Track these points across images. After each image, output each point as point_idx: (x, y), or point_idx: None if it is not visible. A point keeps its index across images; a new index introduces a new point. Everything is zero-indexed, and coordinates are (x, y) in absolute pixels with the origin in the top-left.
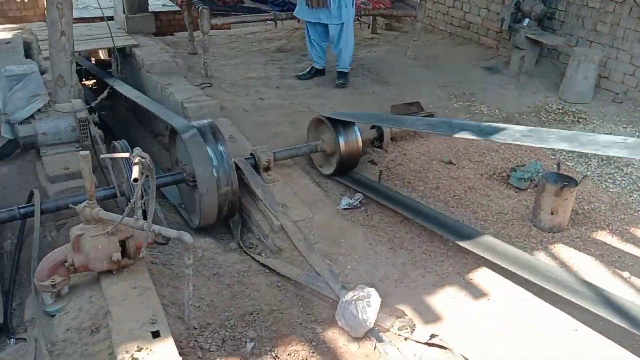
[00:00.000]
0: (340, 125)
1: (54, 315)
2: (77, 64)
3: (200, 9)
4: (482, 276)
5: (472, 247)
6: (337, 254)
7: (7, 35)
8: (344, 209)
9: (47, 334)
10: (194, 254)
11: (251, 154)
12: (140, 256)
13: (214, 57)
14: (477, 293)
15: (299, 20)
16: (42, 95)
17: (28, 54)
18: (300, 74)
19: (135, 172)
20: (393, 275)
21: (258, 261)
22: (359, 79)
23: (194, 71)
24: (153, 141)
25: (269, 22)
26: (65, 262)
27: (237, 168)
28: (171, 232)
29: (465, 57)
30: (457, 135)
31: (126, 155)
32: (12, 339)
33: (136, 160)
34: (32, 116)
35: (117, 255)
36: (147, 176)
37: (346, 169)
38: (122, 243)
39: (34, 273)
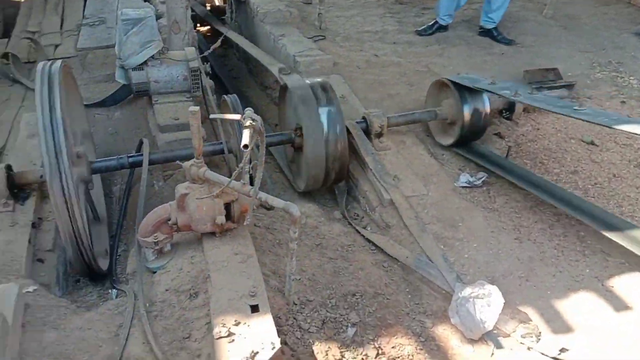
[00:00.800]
0: (466, 90)
1: (154, 272)
2: (192, 10)
3: None
4: (626, 283)
5: (623, 242)
6: (452, 239)
7: None
8: (463, 186)
9: (146, 291)
10: (300, 215)
11: (363, 118)
12: (244, 223)
13: (328, 7)
14: (618, 303)
15: None
16: (156, 41)
17: None
18: (421, 29)
19: (246, 137)
20: (518, 271)
21: (363, 236)
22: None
23: (308, 22)
24: (262, 94)
25: None
26: (169, 219)
27: (347, 132)
28: (278, 202)
29: (612, 19)
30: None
31: (237, 117)
32: (114, 290)
33: (247, 123)
34: (145, 62)
35: (221, 219)
36: (257, 140)
37: (468, 140)
38: (227, 206)
39: (138, 225)
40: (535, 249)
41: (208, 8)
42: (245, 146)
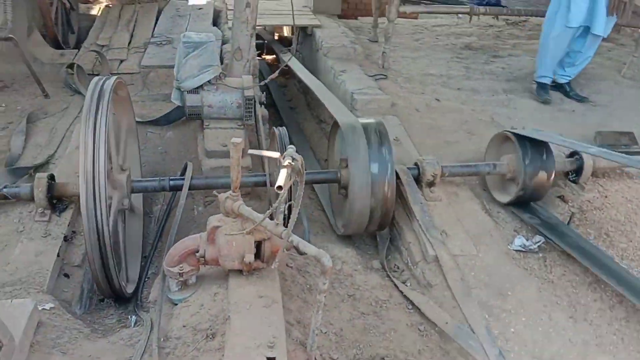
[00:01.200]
0: (530, 146)
1: (176, 304)
2: (260, 37)
3: None
4: None
5: None
6: (499, 309)
7: (202, 1)
8: (517, 250)
9: (163, 323)
10: (332, 266)
11: (415, 164)
12: (272, 266)
13: (394, 47)
14: None
15: (497, 17)
16: (214, 67)
17: (216, 22)
18: (543, 99)
19: (281, 178)
20: (569, 354)
21: (401, 292)
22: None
23: (371, 60)
24: (316, 127)
25: (461, 15)
26: (197, 251)
27: (397, 177)
28: (310, 248)
29: None
30: None
31: (276, 155)
32: (134, 317)
33: (285, 163)
34: (201, 86)
35: (249, 257)
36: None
37: (528, 200)
38: (258, 244)
39: (167, 251)
40: (591, 331)
41: (276, 37)
42: (279, 187)
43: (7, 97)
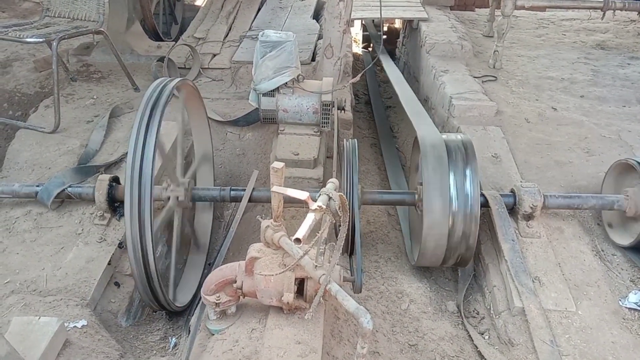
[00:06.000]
0: None
1: (213, 334)
2: (365, 30)
3: None
4: None
5: None
6: None
7: None
8: (630, 308)
9: (195, 356)
10: (398, 304)
11: (511, 191)
12: (306, 316)
13: (511, 43)
14: None
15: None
16: (291, 69)
17: (318, 14)
18: None
19: (304, 227)
20: None
21: (476, 346)
22: None
23: (481, 59)
24: (410, 128)
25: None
26: (235, 282)
27: (486, 204)
28: (348, 303)
29: None
30: None
31: (303, 196)
32: (173, 340)
33: (313, 206)
34: (277, 89)
35: (288, 297)
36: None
37: None
38: (301, 281)
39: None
40: None
41: (385, 29)
42: (298, 240)
43: (101, 88)
